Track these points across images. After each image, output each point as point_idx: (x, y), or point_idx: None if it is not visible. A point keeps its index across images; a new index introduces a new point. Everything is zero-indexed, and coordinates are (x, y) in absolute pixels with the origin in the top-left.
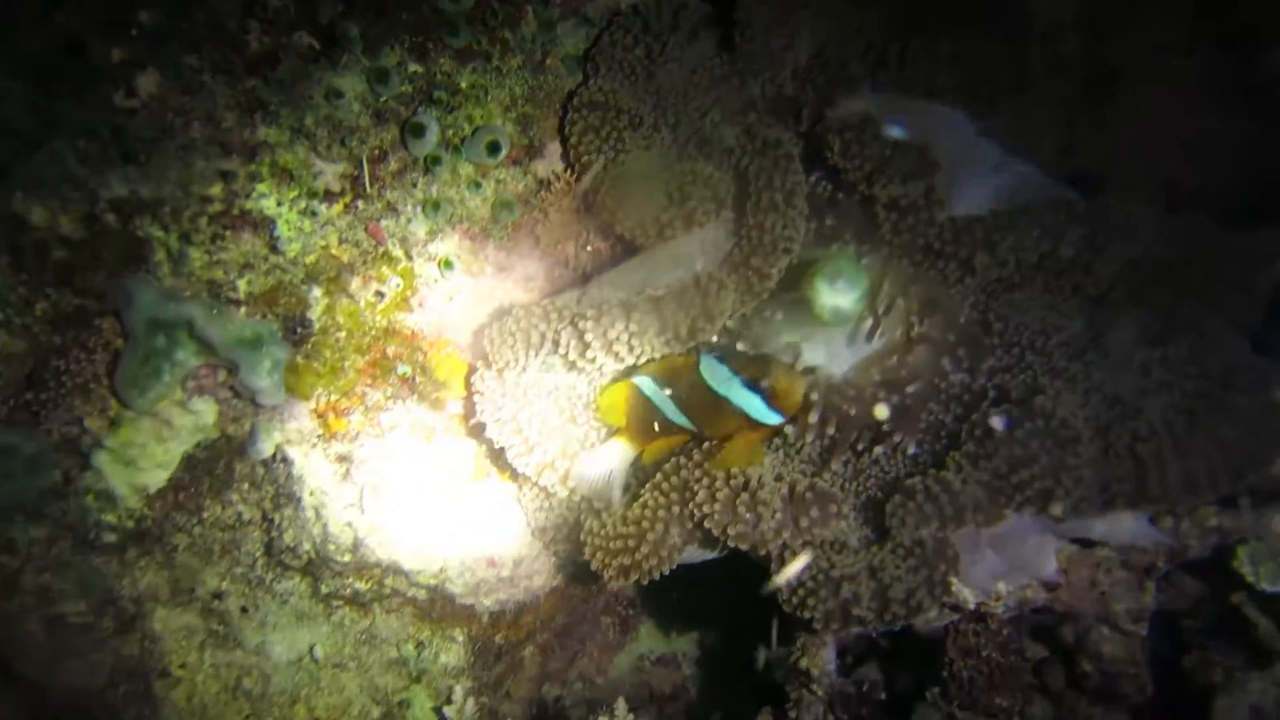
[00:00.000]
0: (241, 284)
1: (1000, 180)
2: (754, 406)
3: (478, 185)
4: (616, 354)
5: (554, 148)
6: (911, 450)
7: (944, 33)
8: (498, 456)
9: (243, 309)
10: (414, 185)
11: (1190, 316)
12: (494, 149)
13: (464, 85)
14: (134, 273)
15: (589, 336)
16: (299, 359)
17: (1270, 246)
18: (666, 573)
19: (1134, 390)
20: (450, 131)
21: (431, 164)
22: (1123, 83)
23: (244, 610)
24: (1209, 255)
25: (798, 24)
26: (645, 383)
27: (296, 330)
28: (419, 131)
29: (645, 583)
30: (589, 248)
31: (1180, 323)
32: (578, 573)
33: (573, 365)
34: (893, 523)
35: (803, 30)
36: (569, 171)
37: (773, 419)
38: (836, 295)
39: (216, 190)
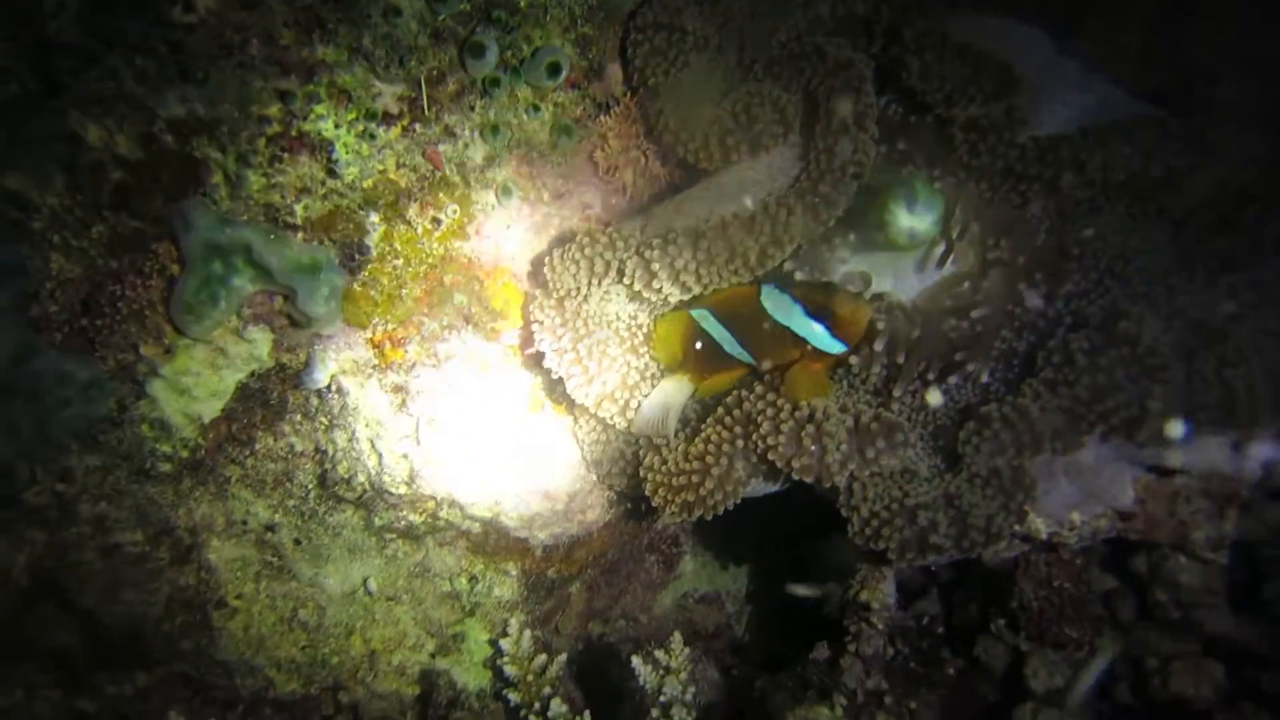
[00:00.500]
0: (299, 208)
1: (1084, 99)
2: (817, 335)
3: (536, 109)
4: (684, 284)
5: (614, 70)
6: (985, 379)
7: None
8: (553, 388)
9: (300, 234)
10: (471, 109)
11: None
12: (554, 71)
13: (523, 4)
14: (191, 196)
15: (655, 266)
16: (356, 286)
17: None
18: (730, 508)
19: (1220, 315)
20: (509, 53)
21: (490, 86)
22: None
23: (297, 542)
24: None
25: None
26: (704, 315)
27: (354, 257)
28: (478, 51)
29: (709, 518)
30: (648, 175)
31: (1268, 247)
32: (632, 508)
33: (636, 295)
34: (966, 450)
35: None
36: (629, 95)
37: (836, 348)
38: (914, 218)
39: (274, 110)
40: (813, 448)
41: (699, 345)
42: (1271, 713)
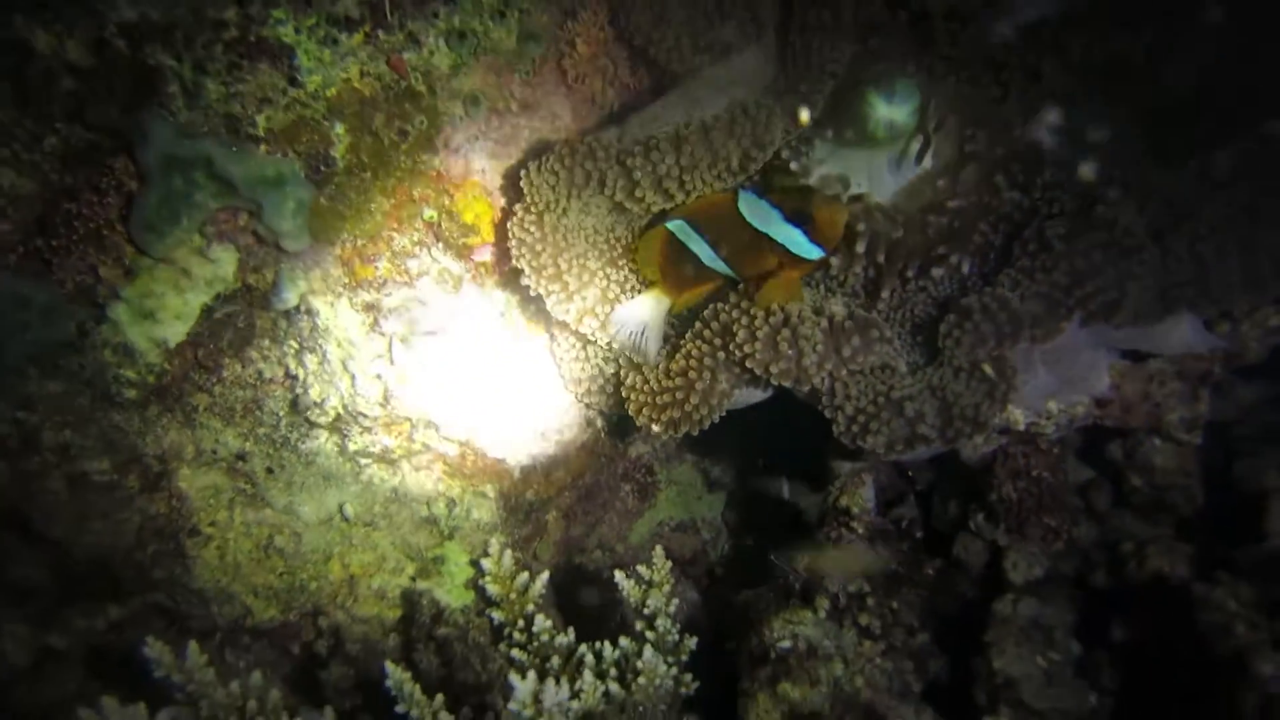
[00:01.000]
0: (261, 119)
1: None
2: (795, 241)
3: (501, 15)
4: (666, 190)
5: None
6: (966, 269)
7: None
8: (528, 305)
9: (263, 146)
10: (435, 15)
11: (1249, 122)
12: None
13: None
14: (148, 106)
15: (638, 174)
16: (323, 200)
17: None
18: (716, 421)
19: (1193, 193)
20: None
21: None
22: None
23: (270, 471)
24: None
25: None
26: (679, 226)
27: (320, 169)
28: None
29: (695, 434)
30: (617, 84)
31: (1239, 128)
32: (608, 428)
33: (618, 206)
34: (947, 343)
35: None
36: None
37: (814, 253)
38: (892, 109)
39: (231, 15)
40: (789, 351)
41: (677, 259)
42: (1248, 580)
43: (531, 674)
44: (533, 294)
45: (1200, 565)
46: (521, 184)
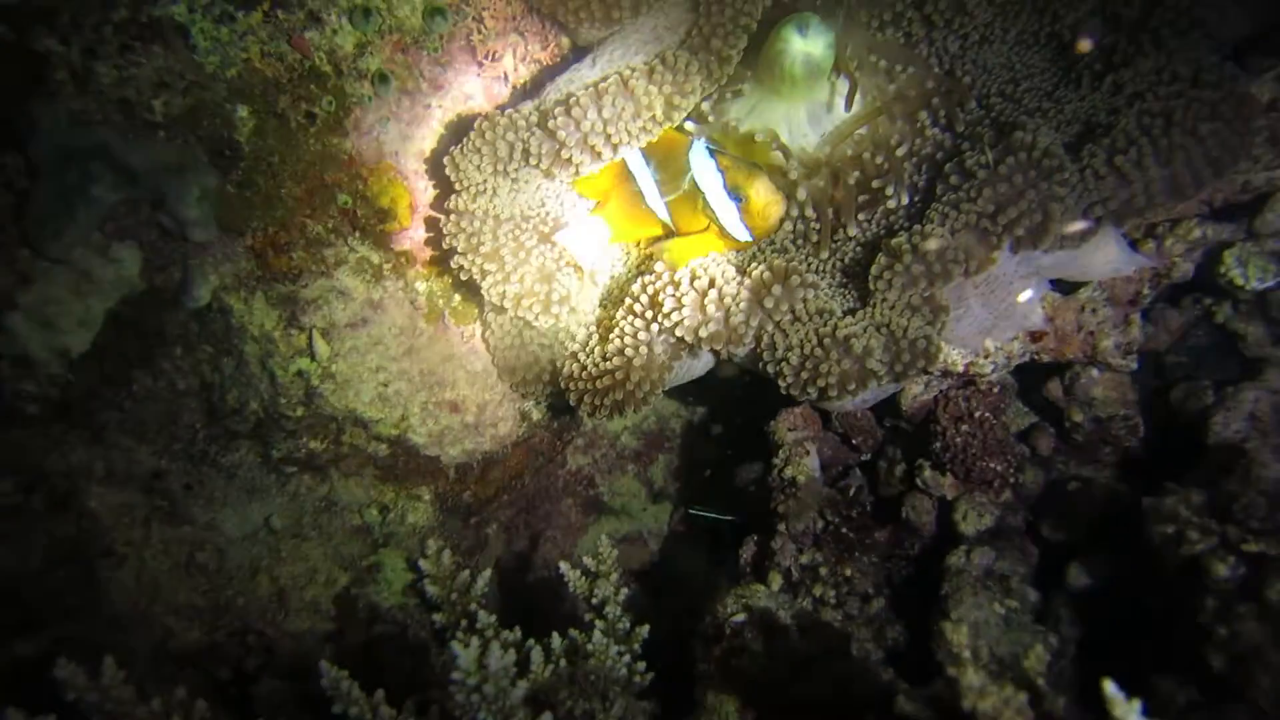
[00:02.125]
0: (158, 104)
1: None
2: (727, 214)
3: None
4: (593, 148)
5: None
6: (895, 204)
7: None
8: (452, 294)
9: (162, 133)
10: None
11: (1155, 38)
12: None
13: None
14: (35, 96)
15: (562, 133)
16: (229, 187)
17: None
18: (659, 396)
19: (1107, 110)
20: None
21: None
22: None
23: (188, 488)
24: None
25: None
26: (633, 156)
27: (224, 153)
28: None
29: (638, 412)
30: (529, 59)
31: (1145, 44)
32: (544, 421)
33: (548, 173)
34: (878, 285)
35: None
36: None
37: (742, 235)
38: (808, 42)
39: None
40: (716, 313)
41: (624, 189)
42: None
43: (475, 640)
44: (464, 278)
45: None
46: (447, 170)
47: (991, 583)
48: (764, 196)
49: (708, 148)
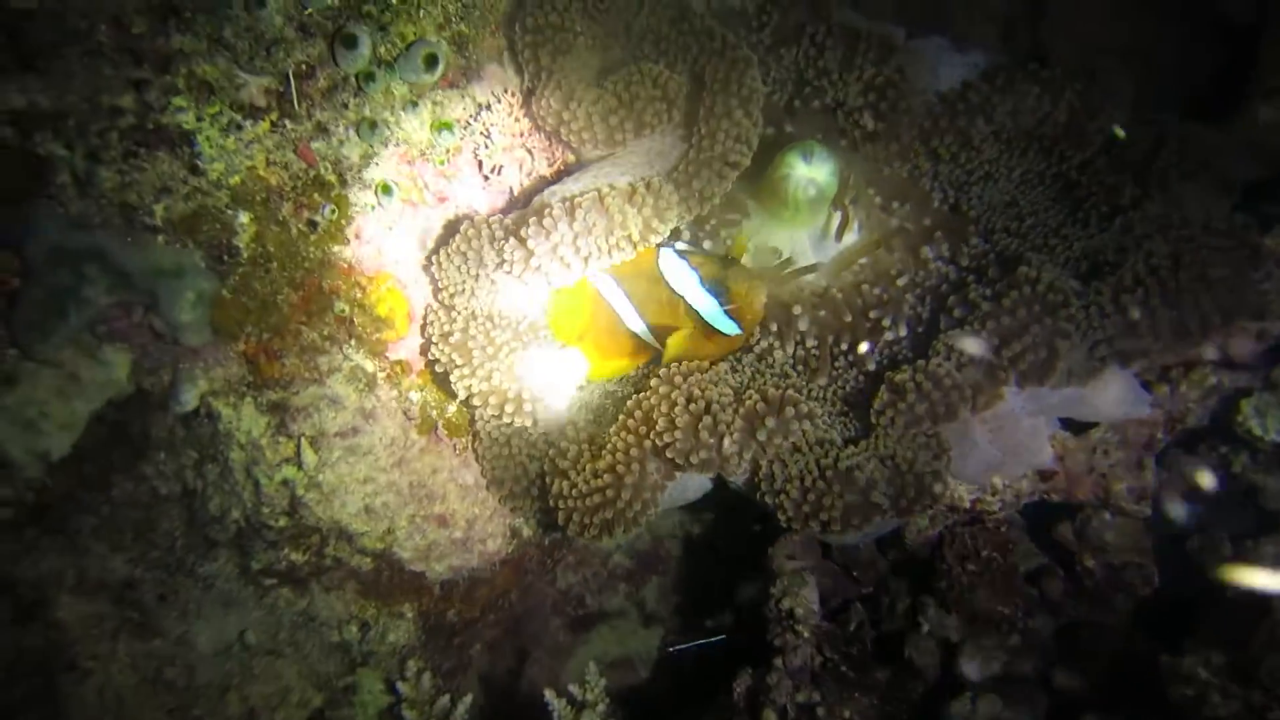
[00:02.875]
0: (158, 209)
1: (967, 59)
2: (709, 310)
3: (414, 104)
4: (562, 259)
5: (493, 70)
6: (894, 335)
7: None
8: (445, 406)
9: (160, 238)
10: (345, 106)
11: (1162, 181)
12: (431, 63)
13: (394, 1)
14: (35, 198)
15: (532, 243)
16: (225, 293)
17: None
18: (652, 516)
19: (1115, 248)
20: (382, 48)
21: (364, 81)
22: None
23: (162, 598)
24: (1177, 137)
25: None
26: (603, 280)
27: (223, 259)
28: (350, 43)
29: (628, 533)
30: (534, 176)
31: (1152, 187)
32: (534, 539)
33: (521, 280)
34: (881, 422)
35: None
36: (509, 93)
37: (728, 328)
38: (812, 168)
39: (128, 101)
40: (710, 440)
41: (599, 318)
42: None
43: None
44: (439, 370)
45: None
46: (432, 269)
47: None
48: (744, 282)
49: (675, 250)
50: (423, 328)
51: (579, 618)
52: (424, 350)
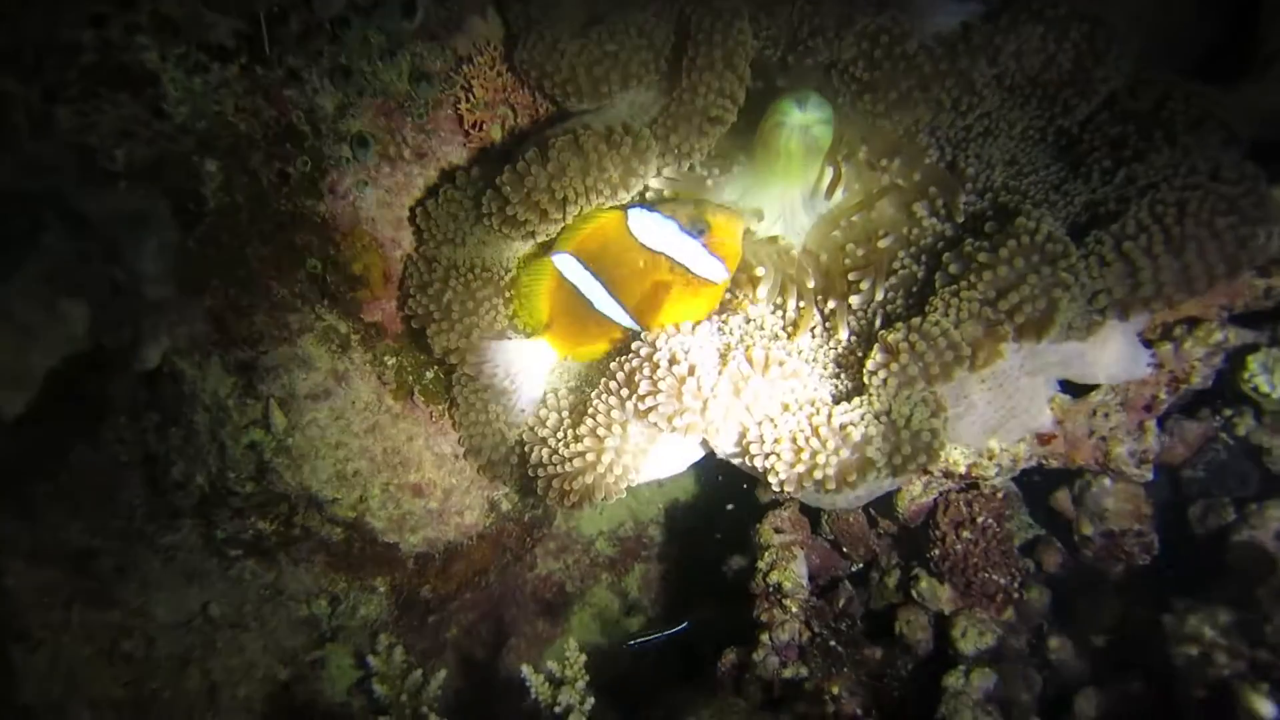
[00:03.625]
0: (120, 154)
1: (964, 6)
2: (694, 254)
3: (391, 55)
4: (538, 205)
5: (475, 22)
6: (881, 295)
7: None
8: (422, 371)
9: (122, 184)
10: (319, 53)
11: (1168, 131)
12: (410, 9)
13: None
14: None
15: (507, 190)
16: (191, 244)
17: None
18: (635, 482)
19: (1116, 199)
20: None
21: (340, 28)
22: None
23: (120, 570)
24: (1183, 90)
25: None
26: (566, 262)
27: (188, 208)
28: None
29: (611, 500)
30: (516, 134)
31: (1158, 138)
32: (512, 509)
33: (499, 232)
34: (873, 382)
35: None
36: (499, 40)
37: (716, 271)
38: (806, 115)
39: (88, 37)
40: (693, 403)
41: (567, 303)
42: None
43: None
44: (415, 325)
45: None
46: (419, 219)
47: (992, 708)
48: (722, 216)
49: (644, 206)
50: (401, 281)
51: (559, 605)
52: (401, 307)
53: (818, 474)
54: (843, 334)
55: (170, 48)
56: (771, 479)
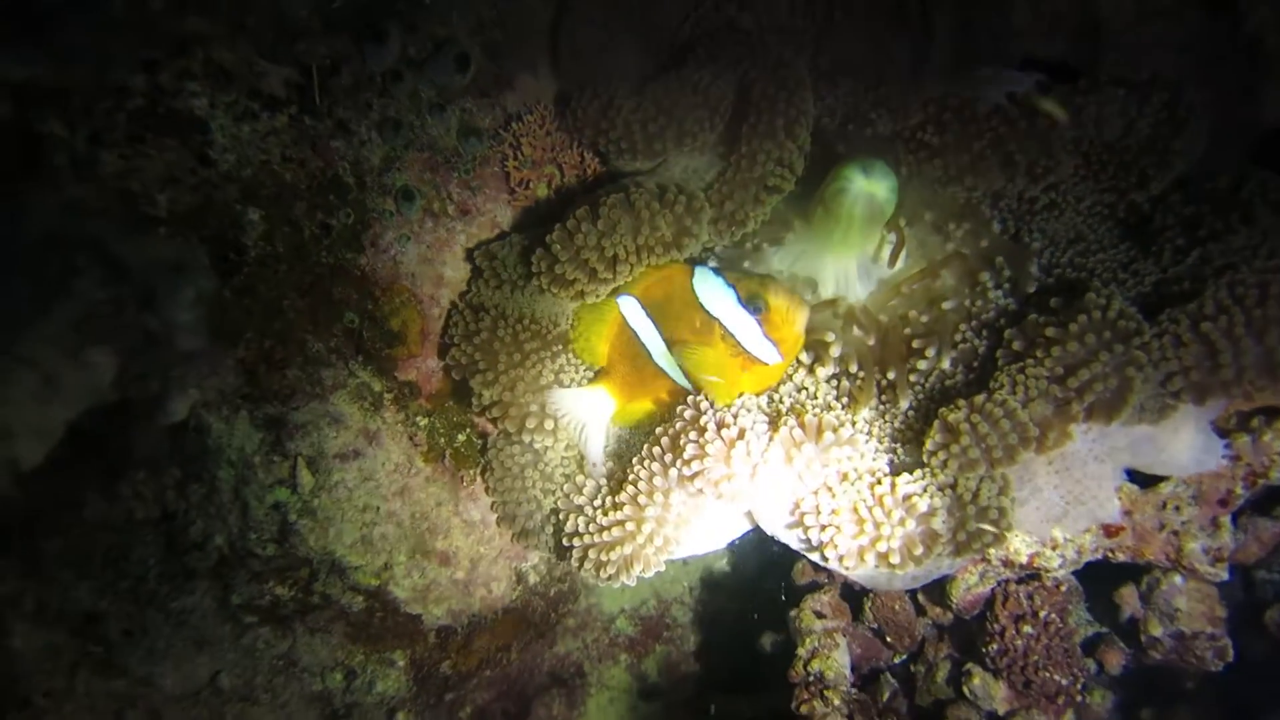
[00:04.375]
0: (163, 199)
1: (1029, 79)
2: (748, 331)
3: (441, 109)
4: (586, 264)
5: (526, 80)
6: (947, 365)
7: None
8: (455, 432)
9: (163, 229)
10: (369, 106)
11: (1247, 214)
12: (463, 63)
13: (427, 1)
14: (26, 180)
15: (556, 248)
16: (228, 293)
17: None
18: (675, 556)
19: (1192, 279)
20: (412, 49)
21: (391, 81)
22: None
23: (128, 634)
24: (1259, 174)
25: None
26: (630, 305)
27: (228, 257)
28: (380, 37)
29: (649, 573)
30: (564, 194)
31: (1235, 221)
32: (540, 583)
33: (548, 291)
34: (933, 463)
35: None
36: (550, 99)
37: (770, 355)
38: (871, 183)
39: (138, 82)
40: (742, 469)
41: (625, 348)
42: None
43: None
44: (457, 375)
45: None
46: (477, 260)
47: None
48: (784, 299)
49: (712, 269)
50: (444, 330)
51: (577, 687)
52: (442, 356)
53: (881, 545)
54: (903, 404)
55: (221, 95)
56: (829, 552)
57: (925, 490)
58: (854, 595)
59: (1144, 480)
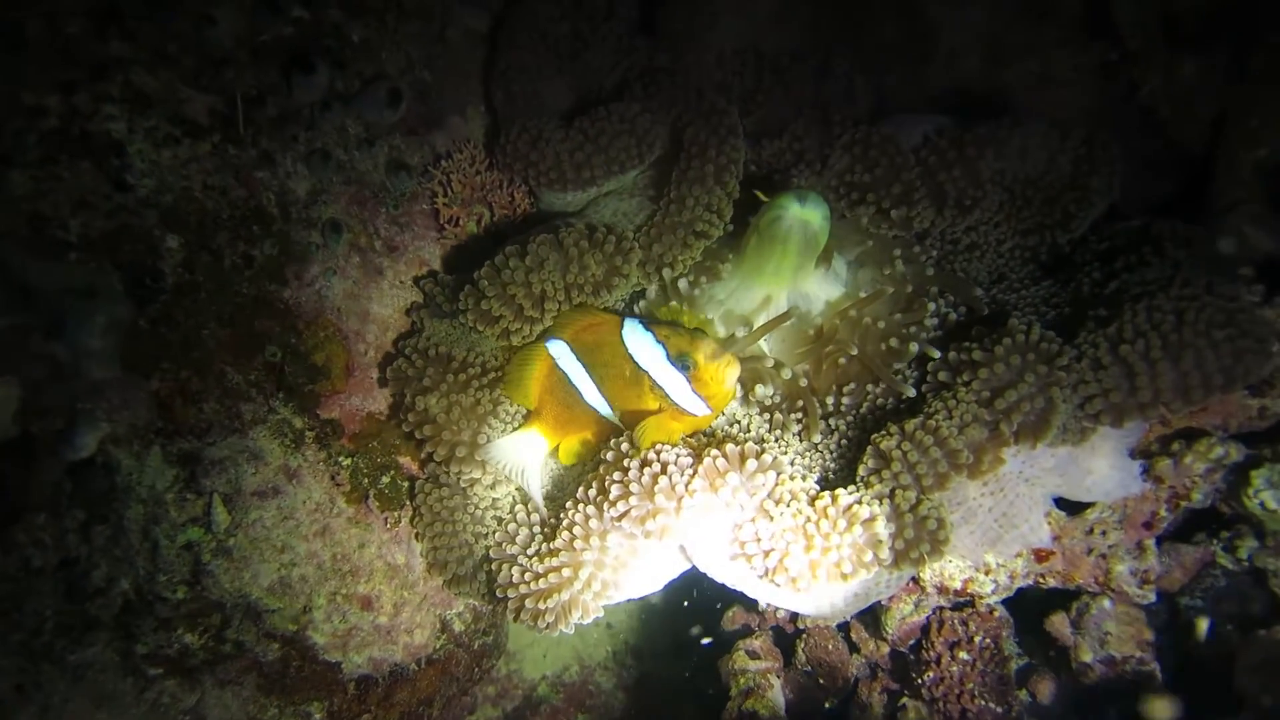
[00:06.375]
0: (75, 224)
1: (937, 120)
2: (677, 388)
3: (370, 144)
4: (514, 299)
5: (455, 122)
6: (880, 400)
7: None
8: (379, 474)
9: (74, 255)
10: (295, 139)
11: (1158, 249)
12: (395, 98)
13: (355, 39)
14: None
15: (484, 284)
16: (143, 322)
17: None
18: (614, 600)
19: (1109, 305)
20: (340, 84)
21: (319, 112)
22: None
23: (20, 689)
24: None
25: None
26: (559, 348)
27: (145, 284)
28: (308, 69)
29: (588, 620)
30: (492, 230)
31: (1148, 254)
32: (465, 631)
33: (476, 328)
34: (871, 482)
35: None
36: (479, 140)
37: (698, 408)
38: (806, 210)
39: (52, 102)
40: (667, 504)
41: (557, 391)
42: None
43: None
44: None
45: None
46: (424, 285)
47: None
48: (712, 358)
49: (640, 322)
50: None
51: None
52: (362, 412)
53: (832, 555)
54: (836, 434)
55: (140, 119)
56: (780, 577)
57: (863, 501)
58: (786, 640)
59: (1071, 508)
